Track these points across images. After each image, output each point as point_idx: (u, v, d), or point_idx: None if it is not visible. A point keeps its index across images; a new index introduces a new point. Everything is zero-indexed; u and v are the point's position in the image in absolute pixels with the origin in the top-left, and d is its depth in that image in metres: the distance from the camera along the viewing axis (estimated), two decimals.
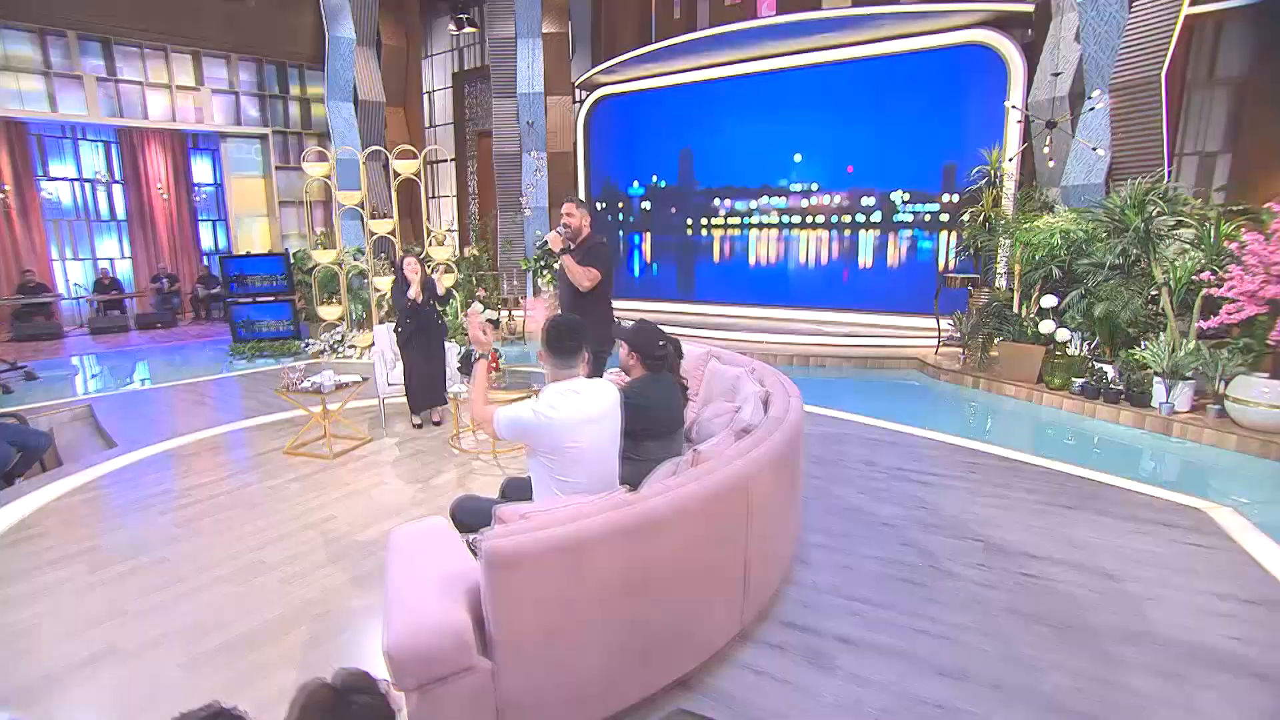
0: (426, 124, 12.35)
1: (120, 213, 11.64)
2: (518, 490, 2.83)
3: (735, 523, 2.27)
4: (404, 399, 5.41)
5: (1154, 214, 5.10)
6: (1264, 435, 4.65)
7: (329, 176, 8.19)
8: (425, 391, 5.31)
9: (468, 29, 11.60)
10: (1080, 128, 6.95)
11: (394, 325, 5.46)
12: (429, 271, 5.40)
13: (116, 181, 11.25)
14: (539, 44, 10.46)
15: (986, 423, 5.70)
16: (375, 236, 8.30)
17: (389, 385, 5.42)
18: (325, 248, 8.05)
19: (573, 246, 4.02)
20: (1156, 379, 5.17)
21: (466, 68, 12.95)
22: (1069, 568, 3.12)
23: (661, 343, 2.94)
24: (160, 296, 11.21)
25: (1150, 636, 2.59)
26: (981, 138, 7.90)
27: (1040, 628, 2.66)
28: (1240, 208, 5.51)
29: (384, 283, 8.37)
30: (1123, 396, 5.40)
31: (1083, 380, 5.65)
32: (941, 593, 2.92)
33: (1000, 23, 7.73)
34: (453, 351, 5.75)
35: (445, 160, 12.38)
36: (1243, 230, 4.78)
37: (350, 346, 8.18)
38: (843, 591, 2.93)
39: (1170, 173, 6.58)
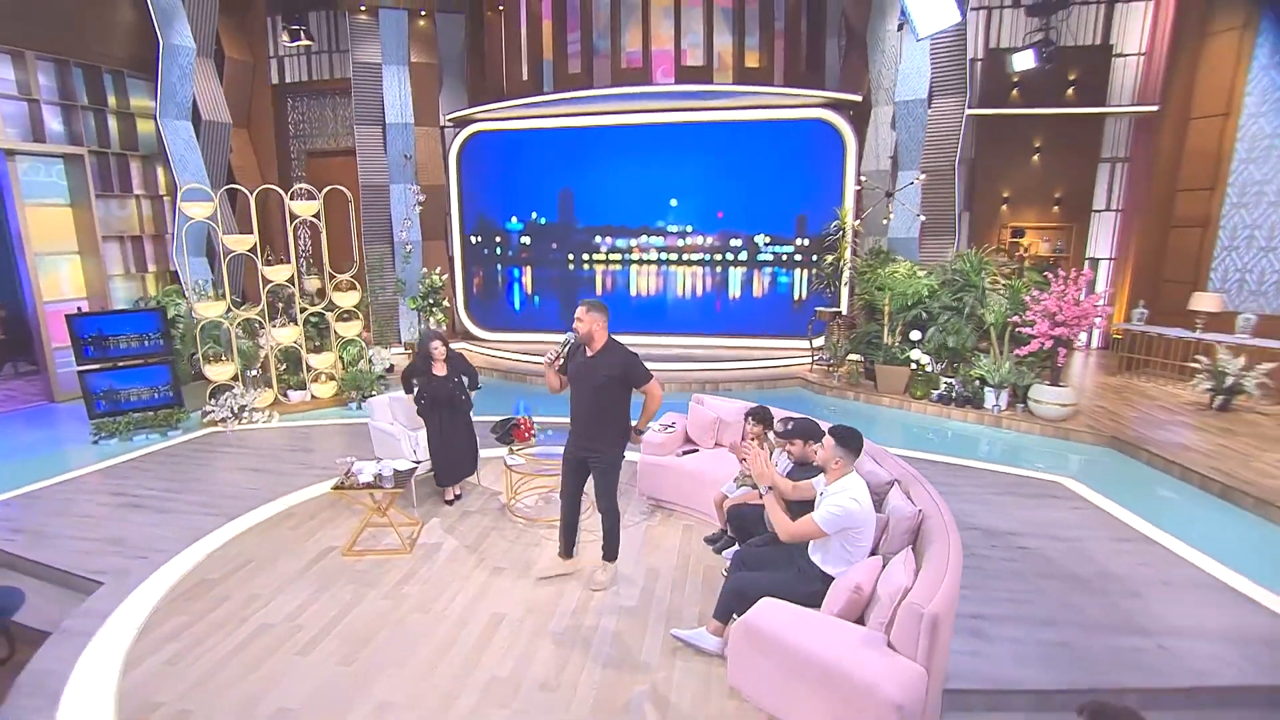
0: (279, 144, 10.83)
1: None
2: (755, 560, 3.48)
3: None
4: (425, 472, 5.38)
5: (985, 276, 7.35)
6: (1054, 424, 7.11)
7: (212, 217, 7.07)
8: (453, 468, 5.28)
9: (304, 41, 10.52)
10: (900, 195, 9.27)
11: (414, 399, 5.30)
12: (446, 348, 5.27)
13: None
14: (406, 72, 10.05)
15: (891, 431, 7.46)
16: (270, 285, 7.39)
17: (416, 460, 5.26)
18: (213, 297, 6.96)
19: (589, 354, 3.96)
20: (988, 388, 7.45)
21: (289, 80, 11.63)
22: (1037, 538, 4.74)
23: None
24: None
25: (1107, 574, 4.25)
26: (825, 194, 9.94)
27: (1059, 582, 4.16)
28: (1016, 266, 8.13)
29: (284, 334, 7.54)
30: (967, 402, 7.62)
31: (939, 391, 7.79)
32: (992, 572, 4.30)
33: (839, 105, 9.79)
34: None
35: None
36: (1032, 288, 7.17)
37: (254, 410, 7.21)
38: None
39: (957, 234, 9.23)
